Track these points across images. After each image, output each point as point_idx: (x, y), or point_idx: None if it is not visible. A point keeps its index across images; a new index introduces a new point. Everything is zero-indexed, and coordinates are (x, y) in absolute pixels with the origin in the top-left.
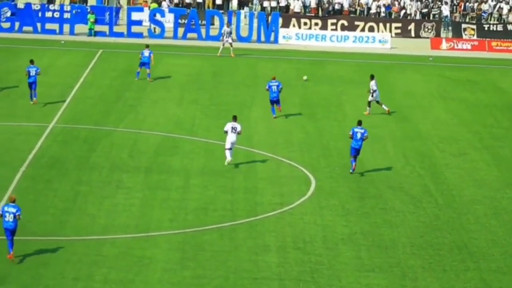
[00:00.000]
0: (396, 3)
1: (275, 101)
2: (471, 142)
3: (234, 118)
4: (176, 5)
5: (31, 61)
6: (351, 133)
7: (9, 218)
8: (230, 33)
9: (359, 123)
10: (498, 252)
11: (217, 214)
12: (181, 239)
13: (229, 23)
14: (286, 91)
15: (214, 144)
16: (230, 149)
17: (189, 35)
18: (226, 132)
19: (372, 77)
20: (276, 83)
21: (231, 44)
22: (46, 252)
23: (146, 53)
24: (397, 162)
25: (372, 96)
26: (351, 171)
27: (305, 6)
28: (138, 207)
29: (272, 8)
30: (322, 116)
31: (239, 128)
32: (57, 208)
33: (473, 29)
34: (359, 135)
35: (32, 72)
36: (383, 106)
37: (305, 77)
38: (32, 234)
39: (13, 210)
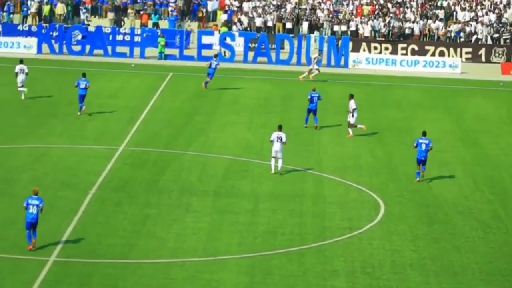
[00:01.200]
0: (467, 28)
1: (313, 111)
2: None
3: (280, 128)
4: (246, 29)
5: (83, 74)
6: (415, 144)
7: (32, 210)
8: (321, 61)
9: (424, 133)
10: None
11: (285, 238)
12: (250, 263)
13: (321, 51)
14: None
15: (283, 168)
16: (274, 157)
17: (259, 59)
18: (272, 141)
19: (351, 96)
20: (317, 94)
21: (318, 70)
22: (115, 275)
23: (213, 64)
24: (467, 187)
25: (353, 116)
26: (417, 179)
27: (375, 31)
28: (207, 231)
29: (342, 32)
30: (391, 140)
31: (284, 138)
32: (126, 231)
33: None
34: (423, 146)
35: (82, 85)
36: (359, 125)
37: (316, 56)
38: (102, 256)
39: (37, 202)
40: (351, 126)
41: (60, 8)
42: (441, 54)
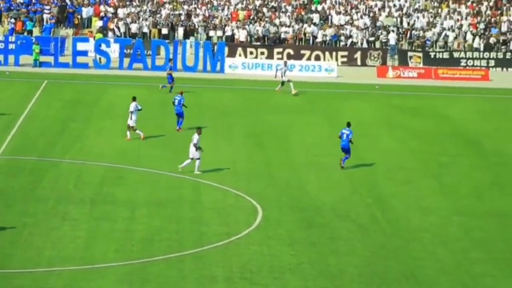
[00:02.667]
0: (342, 32)
1: (178, 114)
2: (417, 170)
3: (198, 130)
4: (121, 35)
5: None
6: (339, 134)
7: None
8: (286, 71)
9: (348, 124)
10: (446, 280)
11: (163, 245)
12: (128, 270)
13: (286, 61)
14: (232, 120)
15: (159, 175)
16: (191, 159)
17: (135, 65)
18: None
19: (133, 99)
20: (179, 98)
21: (289, 81)
22: None
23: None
24: (344, 190)
25: (131, 118)
26: (342, 165)
27: (250, 36)
28: (84, 239)
29: (218, 38)
30: (269, 145)
31: (195, 140)
32: (3, 240)
33: (419, 57)
34: (345, 136)
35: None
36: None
37: (294, 91)
38: None
39: None
40: (130, 128)
41: None
42: (317, 58)
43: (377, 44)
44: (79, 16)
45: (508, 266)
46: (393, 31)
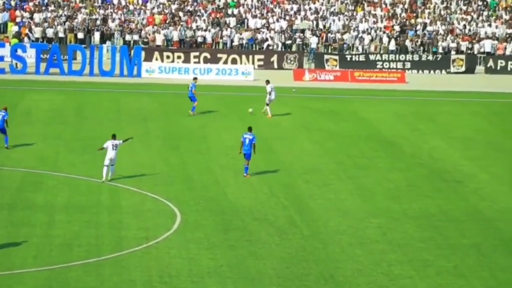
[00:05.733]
0: (259, 35)
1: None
2: (335, 172)
3: (113, 136)
4: (38, 40)
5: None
6: (241, 139)
7: None
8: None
9: (249, 129)
10: (364, 282)
11: (82, 250)
12: (47, 275)
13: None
14: (149, 124)
15: (78, 180)
16: (107, 166)
17: (52, 70)
18: (104, 148)
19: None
20: (3, 113)
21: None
22: None
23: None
24: (262, 193)
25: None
26: (245, 174)
27: (167, 40)
28: (2, 245)
29: (135, 42)
30: (185, 148)
31: (121, 142)
32: None
33: (335, 60)
34: (247, 141)
35: None
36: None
37: (250, 110)
38: None
39: None
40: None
41: None
42: (234, 61)
43: (294, 47)
44: None
45: (425, 267)
46: (314, 34)
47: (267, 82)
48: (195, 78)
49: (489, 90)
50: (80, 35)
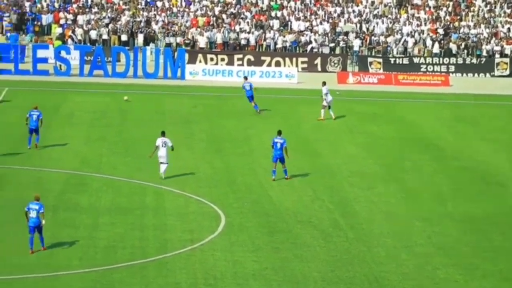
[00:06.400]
0: (302, 38)
1: (34, 130)
2: (379, 175)
3: (163, 133)
4: (81, 42)
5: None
6: (271, 144)
7: (32, 214)
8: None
9: (279, 133)
10: (409, 286)
11: (127, 252)
12: (92, 277)
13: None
14: (193, 127)
15: (121, 181)
16: (162, 163)
17: (95, 72)
18: (157, 147)
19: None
20: (37, 113)
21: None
22: None
23: (247, 86)
24: (306, 196)
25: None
26: (273, 177)
27: (211, 42)
28: (47, 246)
29: (178, 44)
30: (229, 151)
31: (170, 142)
32: None
33: (379, 63)
34: (278, 145)
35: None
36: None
37: (125, 97)
38: None
39: (36, 207)
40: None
41: None
42: (277, 64)
43: (337, 50)
44: (38, 23)
45: (470, 271)
46: (356, 37)
47: (324, 83)
48: (246, 77)
49: None
50: (124, 37)
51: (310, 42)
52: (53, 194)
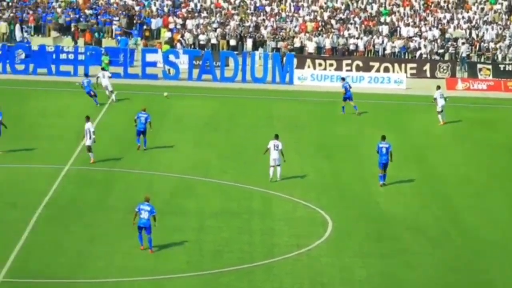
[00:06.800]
0: (411, 43)
1: (142, 132)
2: (488, 183)
3: (276, 137)
4: (190, 46)
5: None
6: (376, 149)
7: (144, 215)
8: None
9: (383, 138)
10: None
11: (233, 256)
12: (199, 281)
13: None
14: (301, 132)
15: (229, 186)
16: (273, 166)
17: (204, 76)
18: (268, 149)
19: (87, 119)
20: (145, 115)
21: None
22: None
23: (347, 86)
24: (414, 203)
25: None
26: (381, 183)
27: (319, 47)
28: (155, 249)
29: (279, 49)
30: (337, 157)
31: (281, 145)
32: (74, 250)
33: (488, 69)
34: (384, 150)
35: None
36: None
37: (165, 93)
38: (50, 277)
39: (148, 208)
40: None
41: (3, 27)
42: (386, 70)
43: (446, 56)
44: (148, 27)
45: None
46: (463, 43)
47: (438, 87)
48: (343, 79)
49: None
50: (233, 42)
51: (419, 48)
52: (161, 197)
